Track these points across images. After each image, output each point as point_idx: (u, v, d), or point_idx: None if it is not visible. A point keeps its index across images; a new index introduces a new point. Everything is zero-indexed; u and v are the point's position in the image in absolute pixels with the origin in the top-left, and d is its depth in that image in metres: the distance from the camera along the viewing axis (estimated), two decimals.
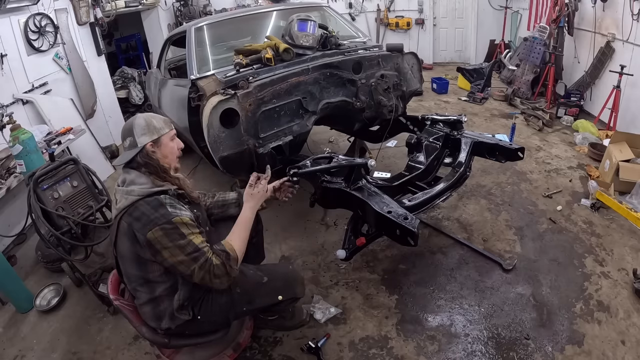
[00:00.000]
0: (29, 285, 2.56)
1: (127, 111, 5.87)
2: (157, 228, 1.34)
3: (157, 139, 1.51)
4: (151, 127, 1.50)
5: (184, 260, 1.37)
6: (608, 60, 4.12)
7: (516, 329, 1.99)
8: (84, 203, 2.33)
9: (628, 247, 2.48)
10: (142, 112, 1.59)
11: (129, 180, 1.47)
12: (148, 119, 1.51)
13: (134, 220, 1.37)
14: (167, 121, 1.57)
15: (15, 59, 3.40)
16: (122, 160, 1.50)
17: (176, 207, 1.43)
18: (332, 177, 2.15)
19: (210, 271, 1.39)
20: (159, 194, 1.43)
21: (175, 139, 1.59)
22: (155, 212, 1.37)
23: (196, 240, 1.39)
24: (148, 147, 1.48)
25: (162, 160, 1.51)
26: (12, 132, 2.62)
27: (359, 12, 7.06)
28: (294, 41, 2.63)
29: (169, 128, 1.55)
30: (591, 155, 3.62)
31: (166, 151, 1.53)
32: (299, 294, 1.75)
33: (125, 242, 1.41)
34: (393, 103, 2.81)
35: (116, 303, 1.52)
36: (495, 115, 4.87)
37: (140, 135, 1.48)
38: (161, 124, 1.53)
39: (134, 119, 1.52)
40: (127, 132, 1.50)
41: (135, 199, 1.39)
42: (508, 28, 6.59)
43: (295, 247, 2.73)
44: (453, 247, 2.60)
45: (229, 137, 2.28)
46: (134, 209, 1.39)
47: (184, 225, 1.39)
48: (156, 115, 1.56)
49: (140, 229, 1.36)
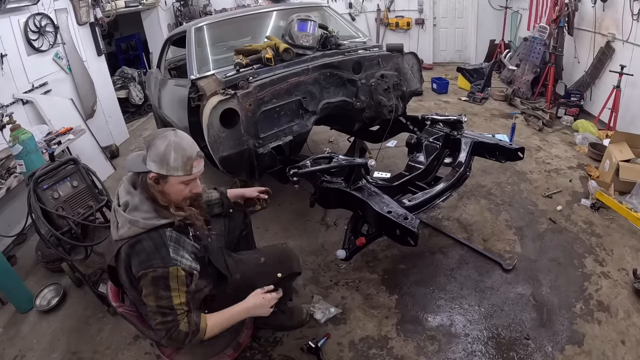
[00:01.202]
0: (29, 285, 2.56)
1: (127, 111, 5.89)
2: (150, 270, 1.27)
3: (164, 176, 1.32)
4: (164, 161, 1.29)
5: (152, 308, 1.29)
6: (608, 60, 4.12)
7: (516, 329, 1.99)
8: (84, 203, 2.33)
9: (628, 247, 2.48)
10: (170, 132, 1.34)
11: (132, 205, 1.33)
12: (167, 150, 1.29)
13: (134, 254, 1.30)
14: (190, 163, 1.33)
15: (15, 59, 3.40)
16: (132, 166, 1.37)
17: (179, 250, 1.33)
18: (332, 177, 2.16)
19: (170, 333, 1.30)
20: (164, 226, 1.33)
21: (191, 183, 1.38)
22: (156, 252, 1.29)
23: (176, 300, 1.29)
24: (150, 177, 1.32)
25: (159, 196, 1.34)
26: (12, 132, 2.62)
27: (359, 12, 7.06)
28: (294, 41, 2.63)
29: (184, 172, 1.32)
30: (591, 155, 3.62)
31: (170, 191, 1.35)
32: (296, 269, 1.77)
33: (122, 270, 1.35)
34: (393, 103, 2.81)
35: (120, 310, 1.50)
36: (495, 115, 4.87)
37: (150, 160, 1.31)
38: (178, 164, 1.30)
39: (160, 136, 1.32)
40: (147, 143, 1.34)
41: (139, 232, 1.30)
42: (508, 28, 6.58)
43: (295, 247, 2.73)
44: (453, 247, 2.60)
45: (229, 137, 2.28)
46: (135, 241, 1.30)
47: (175, 278, 1.29)
48: (183, 150, 1.31)
49: (136, 264, 1.29)
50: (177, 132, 1.36)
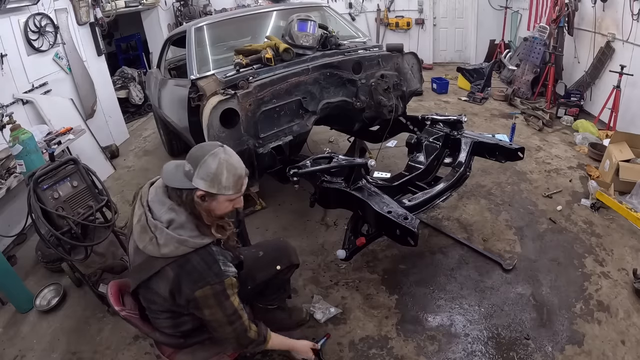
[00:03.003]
0: (29, 285, 2.56)
1: (127, 111, 5.89)
2: (208, 287, 1.28)
3: (213, 195, 1.29)
4: (215, 181, 1.27)
5: (221, 320, 1.35)
6: (608, 60, 4.12)
7: (516, 329, 1.99)
8: (84, 203, 2.32)
9: (628, 247, 2.48)
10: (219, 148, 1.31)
11: (177, 223, 1.30)
12: (219, 169, 1.27)
13: (184, 274, 1.29)
14: (240, 182, 1.33)
15: (15, 59, 3.40)
16: (170, 181, 1.32)
17: (227, 262, 1.36)
18: (332, 177, 2.16)
19: (240, 337, 1.41)
20: (209, 245, 1.33)
21: (236, 200, 1.37)
22: (208, 268, 1.29)
23: (235, 303, 1.36)
24: (197, 195, 1.28)
25: (204, 214, 1.32)
26: (12, 132, 2.62)
27: (359, 12, 7.07)
28: (294, 41, 2.63)
29: (234, 191, 1.32)
30: (591, 155, 3.62)
31: (216, 208, 1.33)
32: (295, 260, 1.80)
33: (164, 285, 1.32)
34: (393, 103, 2.81)
35: (123, 314, 1.49)
36: (495, 115, 4.87)
37: (199, 178, 1.27)
38: (229, 183, 1.29)
39: (210, 153, 1.28)
40: (193, 159, 1.29)
41: (188, 251, 1.28)
42: (508, 28, 6.59)
43: (295, 247, 2.71)
44: (453, 247, 2.60)
45: (229, 137, 2.28)
46: (185, 262, 1.28)
47: (231, 286, 1.34)
48: (233, 168, 1.30)
49: (189, 284, 1.28)
50: (226, 148, 1.34)
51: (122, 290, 1.63)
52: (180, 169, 1.32)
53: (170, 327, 1.48)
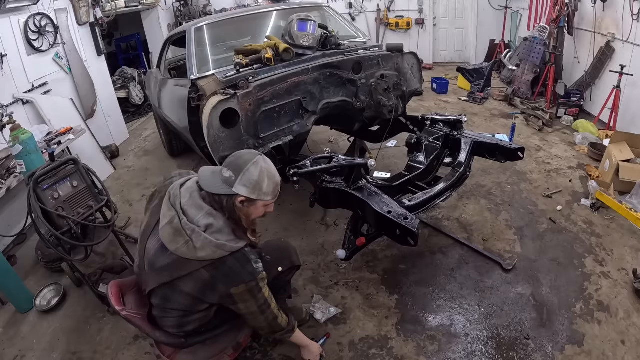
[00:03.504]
0: (29, 285, 2.56)
1: (127, 111, 5.89)
2: (242, 285, 1.38)
3: (253, 200, 1.40)
4: (257, 187, 1.37)
5: (255, 312, 1.47)
6: (608, 60, 4.12)
7: (516, 329, 1.99)
8: (84, 203, 2.32)
9: (628, 247, 2.48)
10: (259, 157, 1.42)
11: (215, 228, 1.36)
12: (261, 177, 1.37)
13: (220, 275, 1.37)
14: (277, 189, 1.45)
15: (15, 59, 3.40)
16: (210, 187, 1.39)
17: (257, 260, 1.45)
18: (332, 177, 2.15)
19: (272, 324, 1.54)
20: (244, 248, 1.41)
21: (270, 205, 1.49)
22: (243, 268, 1.39)
23: (266, 293, 1.48)
24: (238, 201, 1.37)
25: (245, 218, 1.42)
26: (12, 132, 2.62)
27: (359, 12, 7.07)
28: (294, 41, 2.62)
29: (271, 197, 1.44)
30: (591, 155, 3.62)
31: (254, 213, 1.45)
32: (296, 262, 1.82)
33: (195, 285, 1.38)
34: (393, 103, 2.81)
35: (124, 314, 1.50)
36: (495, 115, 4.87)
37: (242, 185, 1.36)
38: (269, 190, 1.41)
39: (252, 161, 1.38)
40: (235, 166, 1.38)
41: (225, 255, 1.35)
42: (508, 28, 6.59)
43: (295, 247, 2.72)
44: (453, 247, 2.60)
45: (229, 137, 2.28)
46: (222, 264, 1.36)
47: (263, 280, 1.45)
48: (273, 176, 1.42)
49: (226, 283, 1.38)
50: (264, 157, 1.44)
51: (123, 290, 1.64)
52: (217, 176, 1.40)
53: (175, 327, 1.50)
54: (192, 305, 1.45)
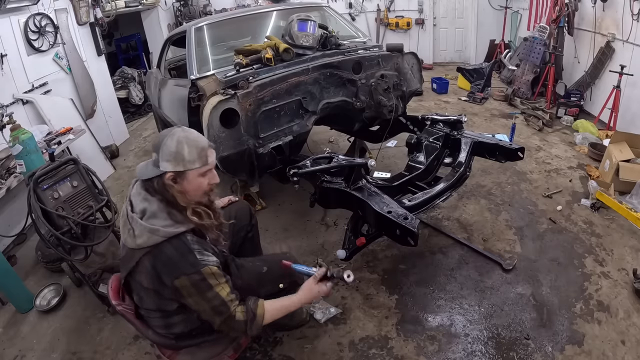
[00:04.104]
0: (29, 285, 2.56)
1: (127, 111, 5.89)
2: (184, 277, 1.27)
3: (182, 172, 1.30)
4: (179, 157, 1.28)
5: (206, 311, 1.33)
6: (608, 60, 4.12)
7: (516, 329, 1.99)
8: (84, 203, 2.32)
9: (628, 247, 2.48)
10: (177, 129, 1.34)
11: (150, 212, 1.31)
12: (180, 146, 1.28)
13: (160, 264, 1.29)
14: (204, 153, 1.33)
15: (15, 59, 3.40)
16: (143, 174, 1.35)
17: (203, 252, 1.32)
18: (332, 177, 2.15)
19: (230, 325, 1.36)
20: (184, 234, 1.31)
21: (208, 174, 1.37)
22: (183, 258, 1.28)
23: (223, 293, 1.33)
24: (167, 178, 1.29)
25: (180, 196, 1.32)
26: (12, 132, 2.62)
27: (359, 12, 7.07)
28: (294, 41, 2.63)
29: (201, 163, 1.32)
30: (591, 155, 3.62)
31: (189, 187, 1.33)
32: (299, 280, 1.73)
33: (146, 278, 1.33)
34: (393, 103, 2.81)
35: (119, 308, 1.50)
36: (495, 115, 4.87)
37: (164, 160, 1.29)
38: (193, 156, 1.30)
39: (168, 135, 1.31)
40: (155, 145, 1.32)
41: (160, 240, 1.28)
42: (508, 28, 6.59)
43: (295, 247, 2.73)
44: (453, 247, 2.60)
45: (229, 137, 2.28)
46: (159, 252, 1.28)
47: (212, 275, 1.31)
48: (194, 142, 1.32)
49: (166, 273, 1.28)
50: (184, 127, 1.36)
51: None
52: (149, 162, 1.35)
53: (162, 327, 1.48)
54: (161, 303, 1.38)
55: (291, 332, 2.06)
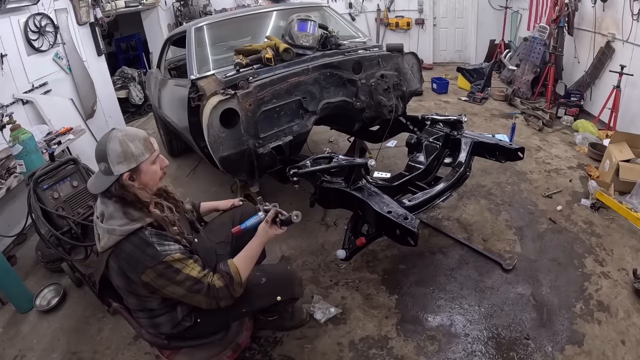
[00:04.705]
0: (29, 285, 2.56)
1: (127, 111, 5.89)
2: (149, 270, 1.29)
3: (136, 168, 1.33)
4: (128, 155, 1.31)
5: (185, 294, 1.36)
6: (608, 60, 4.12)
7: (516, 329, 1.99)
8: (84, 203, 2.33)
9: (628, 247, 2.48)
10: (113, 131, 1.36)
11: (107, 214, 1.34)
12: (124, 144, 1.31)
13: (123, 263, 1.31)
14: (148, 142, 1.38)
15: (15, 59, 3.40)
16: (98, 188, 1.35)
17: (163, 243, 1.33)
18: (332, 177, 2.15)
19: (214, 296, 1.38)
20: (140, 229, 1.32)
21: (158, 160, 1.41)
22: (143, 253, 1.29)
23: (193, 272, 1.35)
24: (125, 179, 1.31)
25: (140, 192, 1.34)
26: (12, 132, 2.62)
27: (359, 12, 7.06)
28: (294, 41, 2.63)
29: (149, 152, 1.36)
30: (591, 155, 3.62)
31: (146, 178, 1.37)
32: (297, 295, 1.74)
33: (117, 279, 1.37)
34: (393, 103, 2.81)
35: (115, 305, 1.52)
36: (495, 115, 4.87)
37: (115, 164, 1.30)
38: (140, 148, 1.33)
39: (107, 140, 1.32)
40: (100, 155, 1.32)
41: (119, 239, 1.30)
42: (508, 28, 6.58)
43: (295, 247, 2.73)
44: (453, 247, 2.59)
45: (229, 137, 2.28)
46: (120, 251, 1.31)
47: (177, 261, 1.33)
48: (135, 136, 1.35)
49: (131, 271, 1.31)
50: (117, 128, 1.40)
51: None
52: (97, 176, 1.38)
53: (151, 327, 1.50)
54: (143, 302, 1.41)
55: (291, 332, 2.06)
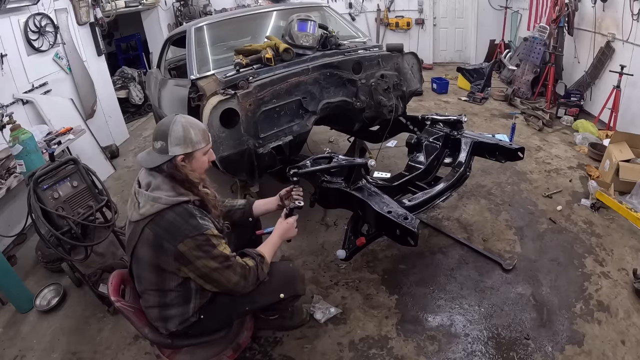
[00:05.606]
0: (29, 285, 2.56)
1: (127, 111, 5.89)
2: (188, 239, 1.34)
3: (190, 153, 1.44)
4: (187, 140, 1.41)
5: (217, 267, 1.39)
6: (608, 60, 4.12)
7: (516, 329, 1.99)
8: (84, 203, 2.32)
9: (628, 247, 2.48)
10: (176, 116, 1.46)
11: (154, 185, 1.41)
12: (187, 130, 1.41)
13: (162, 231, 1.35)
14: (206, 133, 1.49)
15: (15, 59, 3.40)
16: (150, 163, 1.44)
17: (205, 218, 1.42)
18: (332, 177, 2.15)
19: (244, 275, 1.45)
20: (186, 203, 1.40)
21: (208, 153, 1.52)
22: (186, 223, 1.35)
23: (226, 251, 1.42)
24: (178, 160, 1.41)
25: (190, 174, 1.44)
26: (12, 132, 2.62)
27: (359, 12, 7.07)
28: (294, 41, 2.63)
29: (205, 142, 1.48)
30: (591, 155, 3.62)
31: (196, 165, 1.47)
32: (300, 292, 1.75)
33: (147, 249, 1.38)
34: (393, 103, 2.81)
35: (117, 305, 1.51)
36: (495, 115, 4.87)
37: (173, 145, 1.40)
38: (199, 137, 1.44)
39: (172, 122, 1.42)
40: (161, 134, 1.42)
41: (163, 208, 1.36)
42: (508, 28, 6.59)
43: (295, 247, 2.73)
44: (453, 247, 2.60)
45: (229, 137, 2.28)
46: (160, 219, 1.35)
47: (215, 237, 1.40)
48: (196, 125, 1.46)
49: (170, 239, 1.34)
50: (180, 114, 1.47)
51: (124, 282, 1.64)
52: (151, 152, 1.46)
53: (158, 320, 1.50)
54: (160, 281, 1.43)
55: (291, 332, 2.06)
